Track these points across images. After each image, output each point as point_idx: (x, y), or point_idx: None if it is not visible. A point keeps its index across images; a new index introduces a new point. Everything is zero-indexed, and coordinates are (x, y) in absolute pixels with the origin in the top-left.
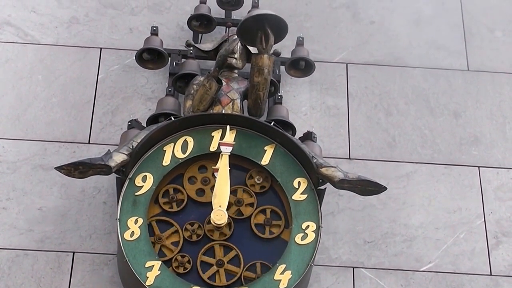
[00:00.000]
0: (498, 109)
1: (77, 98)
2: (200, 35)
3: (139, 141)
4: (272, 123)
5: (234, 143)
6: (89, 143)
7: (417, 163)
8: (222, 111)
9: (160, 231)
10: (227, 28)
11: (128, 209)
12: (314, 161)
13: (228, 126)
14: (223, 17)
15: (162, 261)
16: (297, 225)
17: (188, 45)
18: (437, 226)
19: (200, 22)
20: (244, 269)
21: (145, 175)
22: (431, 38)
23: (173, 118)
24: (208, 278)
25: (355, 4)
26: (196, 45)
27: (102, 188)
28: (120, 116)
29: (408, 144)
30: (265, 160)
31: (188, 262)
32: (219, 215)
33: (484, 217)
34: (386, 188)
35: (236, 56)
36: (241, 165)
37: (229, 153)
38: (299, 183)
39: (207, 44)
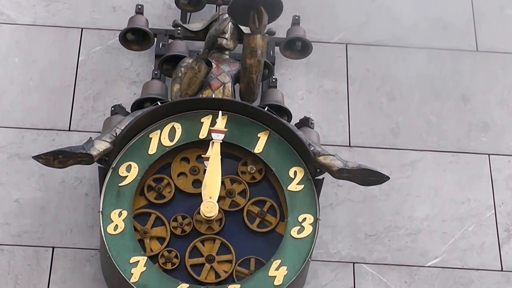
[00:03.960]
0: (509, 93)
1: (56, 82)
2: (188, 14)
3: (123, 128)
4: (266, 108)
5: (226, 130)
6: (69, 130)
7: (422, 151)
8: (212, 95)
9: (146, 224)
10: (218, 7)
11: (111, 201)
12: (311, 149)
13: (220, 112)
14: None
15: (148, 257)
16: (293, 218)
17: (175, 25)
18: (444, 219)
19: (189, 0)
20: (236, 264)
21: (130, 165)
22: (437, 17)
23: (159, 103)
24: (198, 275)
25: None
26: (184, 25)
27: (84, 178)
28: (103, 101)
29: (413, 130)
30: (258, 148)
31: (176, 257)
32: (210, 207)
33: (495, 208)
34: (388, 178)
35: (227, 36)
36: (232, 153)
37: (221, 141)
38: (295, 172)
39: (196, 24)
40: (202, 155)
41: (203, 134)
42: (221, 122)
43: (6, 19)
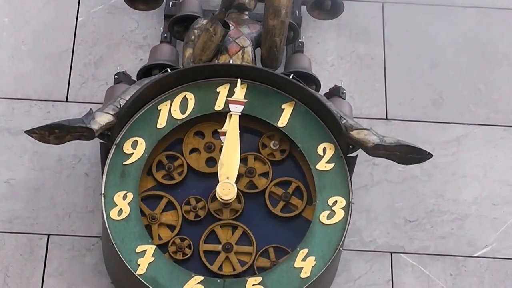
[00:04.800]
0: None
1: (52, 46)
2: None
3: (128, 98)
4: (291, 76)
5: (245, 100)
6: (66, 101)
7: (469, 124)
8: (229, 61)
9: (155, 208)
10: None
11: (115, 182)
12: (343, 122)
13: (239, 80)
14: None
15: (157, 245)
16: (322, 201)
17: None
18: (494, 202)
19: None
20: (258, 254)
21: (136, 140)
22: None
23: (169, 70)
24: (213, 266)
25: None
26: None
27: (83, 156)
28: (105, 68)
29: (458, 101)
30: (282, 122)
31: (189, 246)
32: (227, 189)
33: None
34: (431, 156)
35: None
36: (253, 127)
37: (240, 113)
38: (324, 149)
39: None
40: (218, 130)
41: (219, 106)
42: (239, 91)
43: None
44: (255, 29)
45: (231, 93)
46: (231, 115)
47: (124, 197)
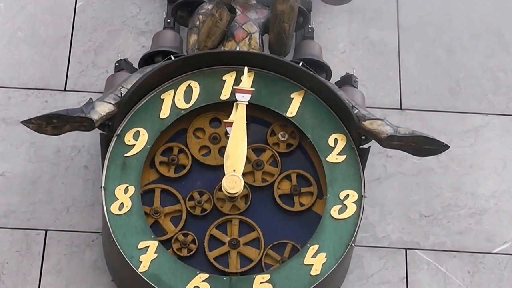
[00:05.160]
0: None
1: (49, 32)
2: None
3: (129, 87)
4: (300, 64)
5: (252, 89)
6: (65, 90)
7: (488, 114)
8: (236, 48)
9: (152, 202)
10: None
11: (115, 175)
12: (355, 112)
13: (245, 68)
14: None
15: (160, 241)
16: (333, 195)
17: None
18: None
19: None
20: (265, 251)
21: (138, 131)
22: None
23: (173, 58)
24: (219, 263)
25: None
26: None
27: (83, 148)
28: (105, 55)
29: (476, 90)
30: (291, 112)
31: (193, 242)
32: (233, 182)
33: None
34: (447, 147)
35: None
36: (261, 117)
37: (247, 102)
38: (335, 140)
39: None
40: (225, 120)
41: (225, 95)
42: (246, 80)
43: None
44: (263, 15)
45: (237, 81)
46: (237, 104)
47: (125, 190)
